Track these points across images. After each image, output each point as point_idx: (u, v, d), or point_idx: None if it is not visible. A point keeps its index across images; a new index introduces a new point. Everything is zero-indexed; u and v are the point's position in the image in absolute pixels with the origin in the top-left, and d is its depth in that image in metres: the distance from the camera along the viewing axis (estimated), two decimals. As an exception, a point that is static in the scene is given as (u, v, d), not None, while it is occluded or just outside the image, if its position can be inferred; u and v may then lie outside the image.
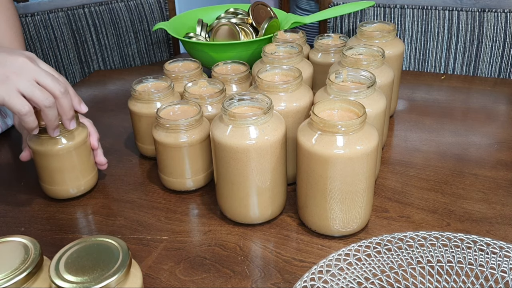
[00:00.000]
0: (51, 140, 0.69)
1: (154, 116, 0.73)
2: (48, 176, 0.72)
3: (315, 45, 0.90)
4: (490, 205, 0.70)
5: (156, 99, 0.78)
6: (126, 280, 0.47)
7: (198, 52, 1.00)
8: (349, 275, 0.56)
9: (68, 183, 0.73)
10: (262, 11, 1.09)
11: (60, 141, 0.70)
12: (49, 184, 0.73)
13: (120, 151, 0.88)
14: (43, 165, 0.71)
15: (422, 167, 0.79)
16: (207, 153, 0.73)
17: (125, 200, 0.75)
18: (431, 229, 0.66)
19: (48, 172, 0.71)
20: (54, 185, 0.73)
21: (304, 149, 0.61)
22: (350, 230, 0.64)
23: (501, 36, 1.15)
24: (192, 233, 0.68)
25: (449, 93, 1.06)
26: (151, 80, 0.82)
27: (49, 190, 0.74)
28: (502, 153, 0.82)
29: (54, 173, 0.71)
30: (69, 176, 0.72)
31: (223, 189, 0.67)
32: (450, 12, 1.17)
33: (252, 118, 0.61)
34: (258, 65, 0.80)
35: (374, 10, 1.24)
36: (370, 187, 0.63)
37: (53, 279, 0.45)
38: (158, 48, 1.36)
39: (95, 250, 0.49)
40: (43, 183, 0.74)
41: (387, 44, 0.85)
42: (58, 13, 1.23)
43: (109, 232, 0.68)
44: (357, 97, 0.66)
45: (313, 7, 2.23)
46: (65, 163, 0.71)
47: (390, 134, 0.89)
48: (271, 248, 0.64)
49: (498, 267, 0.57)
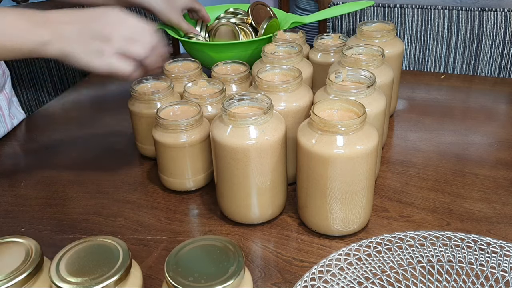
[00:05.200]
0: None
1: (154, 116, 0.73)
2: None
3: (315, 45, 0.90)
4: (490, 205, 0.70)
5: (156, 99, 0.78)
6: (126, 281, 0.47)
7: (197, 52, 1.00)
8: (350, 275, 0.56)
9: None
10: (262, 11, 1.09)
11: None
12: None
13: (120, 151, 0.88)
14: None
15: (422, 167, 0.79)
16: (207, 153, 0.73)
17: (125, 201, 0.75)
18: (431, 228, 0.66)
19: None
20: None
21: (304, 149, 0.60)
22: (350, 230, 0.64)
23: (500, 35, 1.15)
24: (193, 233, 0.68)
25: (449, 93, 1.06)
26: (151, 80, 0.82)
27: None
28: (502, 152, 0.82)
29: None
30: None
31: (223, 189, 0.67)
32: (449, 11, 1.17)
33: (252, 118, 0.61)
34: (258, 65, 0.80)
35: (374, 9, 1.24)
36: (370, 187, 0.63)
37: (53, 280, 0.45)
38: (157, 48, 1.36)
39: (95, 251, 0.49)
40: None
41: (387, 44, 0.85)
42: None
43: (109, 233, 0.68)
44: (357, 97, 0.66)
45: (312, 7, 2.23)
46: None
47: (390, 133, 0.89)
48: (271, 248, 0.64)
49: (499, 266, 0.57)
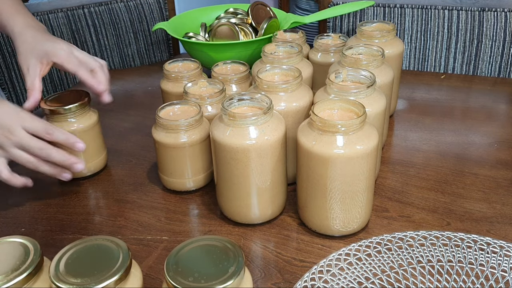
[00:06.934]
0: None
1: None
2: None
3: (315, 45, 0.90)
4: (490, 205, 0.70)
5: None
6: (126, 281, 0.47)
7: (197, 52, 1.00)
8: (350, 275, 0.56)
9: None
10: (262, 11, 1.09)
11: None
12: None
13: (120, 151, 0.88)
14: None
15: (422, 167, 0.79)
16: (207, 153, 0.73)
17: (125, 201, 0.75)
18: (431, 228, 0.66)
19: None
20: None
21: (304, 149, 0.60)
22: (350, 230, 0.64)
23: (500, 35, 1.15)
24: (192, 234, 0.68)
25: (449, 93, 1.06)
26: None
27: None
28: (502, 152, 0.82)
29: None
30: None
31: (223, 189, 0.67)
32: (449, 11, 1.17)
33: (252, 118, 0.61)
34: (258, 65, 0.80)
35: (374, 9, 1.24)
36: (370, 187, 0.63)
37: (53, 280, 0.45)
38: (157, 48, 1.36)
39: (95, 251, 0.49)
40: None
41: (387, 44, 0.85)
42: (57, 13, 1.23)
43: (109, 233, 0.68)
44: (357, 97, 0.66)
45: (312, 7, 2.23)
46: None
47: (390, 133, 0.89)
48: (271, 248, 0.64)
49: (499, 266, 0.57)
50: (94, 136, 0.79)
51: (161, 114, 0.72)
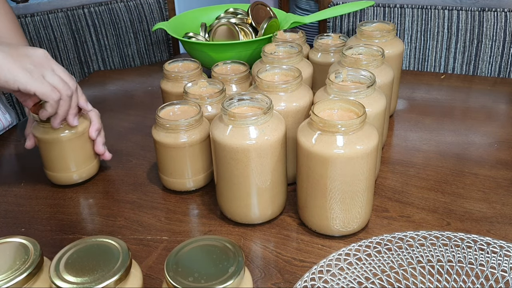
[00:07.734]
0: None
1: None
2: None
3: (315, 45, 0.90)
4: (490, 205, 0.70)
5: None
6: (126, 281, 0.47)
7: (197, 52, 1.00)
8: (350, 275, 0.56)
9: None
10: (262, 11, 1.09)
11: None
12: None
13: (120, 151, 0.88)
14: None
15: (422, 167, 0.79)
16: (207, 153, 0.73)
17: (125, 201, 0.75)
18: (431, 228, 0.66)
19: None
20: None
21: (304, 149, 0.60)
22: (350, 230, 0.64)
23: (500, 35, 1.15)
24: (192, 234, 0.68)
25: (449, 93, 1.06)
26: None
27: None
28: (502, 152, 0.82)
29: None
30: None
31: (223, 189, 0.67)
32: (449, 11, 1.17)
33: (252, 118, 0.61)
34: (258, 65, 0.80)
35: (374, 9, 1.24)
36: (370, 187, 0.63)
37: (53, 280, 0.45)
38: (157, 48, 1.36)
39: (95, 251, 0.49)
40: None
41: (387, 44, 0.85)
42: (57, 13, 1.23)
43: (109, 233, 0.68)
44: (357, 97, 0.66)
45: (312, 7, 2.23)
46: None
47: (390, 133, 0.89)
48: (271, 248, 0.64)
49: (499, 266, 0.57)
50: (85, 142, 0.78)
51: (161, 114, 0.72)
